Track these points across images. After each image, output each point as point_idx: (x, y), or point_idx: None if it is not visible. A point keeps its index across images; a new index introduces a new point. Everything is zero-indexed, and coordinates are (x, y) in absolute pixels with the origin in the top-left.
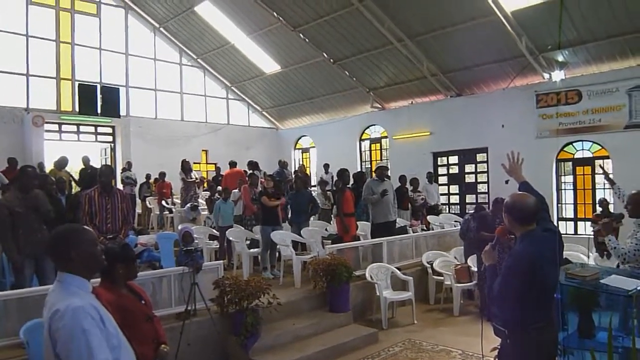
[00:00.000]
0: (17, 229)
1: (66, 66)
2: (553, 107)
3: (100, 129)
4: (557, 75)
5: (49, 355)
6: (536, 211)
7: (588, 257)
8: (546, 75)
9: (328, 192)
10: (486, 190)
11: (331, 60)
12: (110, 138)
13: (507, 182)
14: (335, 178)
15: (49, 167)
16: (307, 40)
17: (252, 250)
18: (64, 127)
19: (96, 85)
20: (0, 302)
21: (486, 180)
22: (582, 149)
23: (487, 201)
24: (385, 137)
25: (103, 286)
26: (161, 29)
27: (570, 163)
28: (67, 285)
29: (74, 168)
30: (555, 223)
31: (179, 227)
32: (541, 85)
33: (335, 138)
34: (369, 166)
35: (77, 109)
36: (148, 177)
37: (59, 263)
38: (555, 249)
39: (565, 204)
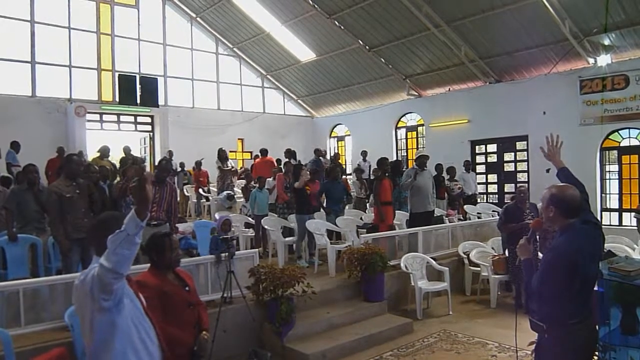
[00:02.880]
0: (66, 214)
1: (106, 57)
2: (598, 93)
3: (139, 119)
4: (603, 60)
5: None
6: (582, 204)
7: (634, 250)
8: (591, 60)
9: (364, 180)
10: (526, 180)
11: (367, 48)
12: (149, 127)
13: (548, 170)
14: (372, 166)
15: (91, 155)
16: (342, 27)
17: (287, 238)
18: (104, 117)
19: (135, 76)
20: (47, 286)
21: (526, 169)
22: (629, 137)
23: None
24: (422, 125)
25: (150, 271)
26: (198, 18)
27: (616, 151)
28: (96, 262)
29: (115, 157)
30: (597, 214)
31: (216, 216)
32: (585, 70)
33: (371, 126)
34: (405, 154)
35: (117, 99)
36: (182, 165)
37: (99, 248)
38: (596, 241)
39: (610, 194)
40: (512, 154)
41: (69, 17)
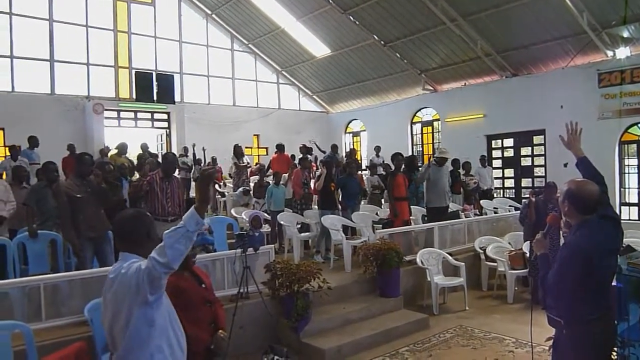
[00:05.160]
0: (78, 214)
1: (123, 55)
2: (616, 86)
3: (156, 115)
4: (622, 53)
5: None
6: (599, 201)
7: None
8: (609, 53)
9: (378, 176)
10: (543, 174)
11: (382, 43)
12: (165, 124)
13: (566, 165)
14: (385, 162)
15: (110, 153)
16: (357, 22)
17: (303, 234)
18: (122, 114)
19: (152, 73)
20: (66, 282)
21: (543, 163)
22: None
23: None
24: (437, 119)
25: None
26: (213, 15)
27: (635, 145)
28: (127, 259)
29: (132, 154)
30: (617, 208)
31: (232, 212)
32: (604, 63)
33: (386, 121)
34: (421, 149)
35: (134, 96)
36: (199, 162)
37: (121, 244)
38: (614, 237)
39: (629, 188)
40: (529, 148)
41: (86, 15)
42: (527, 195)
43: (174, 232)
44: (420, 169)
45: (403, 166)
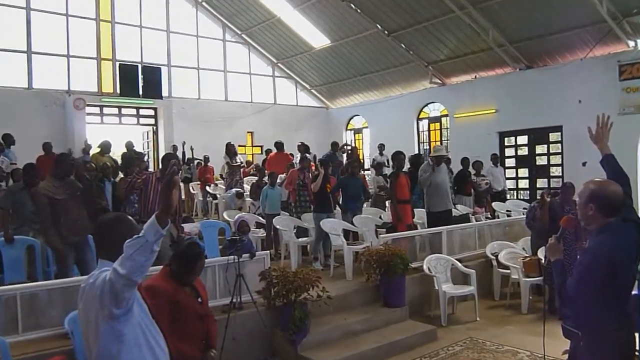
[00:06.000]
0: (59, 217)
1: (106, 46)
2: (639, 79)
3: (142, 111)
4: None
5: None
6: (623, 201)
7: None
8: (631, 43)
9: (383, 176)
10: (560, 174)
11: (385, 32)
12: (152, 120)
13: (584, 164)
14: (388, 161)
15: (92, 152)
16: (358, 10)
17: (300, 239)
18: (105, 110)
19: (137, 65)
20: (45, 291)
21: (560, 162)
22: None
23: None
24: (446, 115)
25: (163, 276)
26: (203, 3)
27: None
28: (103, 266)
29: (116, 153)
30: (639, 210)
31: (225, 215)
32: (625, 54)
33: (391, 117)
34: (427, 148)
35: (118, 90)
36: (190, 161)
37: (100, 250)
38: (637, 241)
39: None
40: (545, 146)
41: (66, 3)
42: (541, 195)
43: (134, 241)
44: (421, 168)
45: (409, 166)
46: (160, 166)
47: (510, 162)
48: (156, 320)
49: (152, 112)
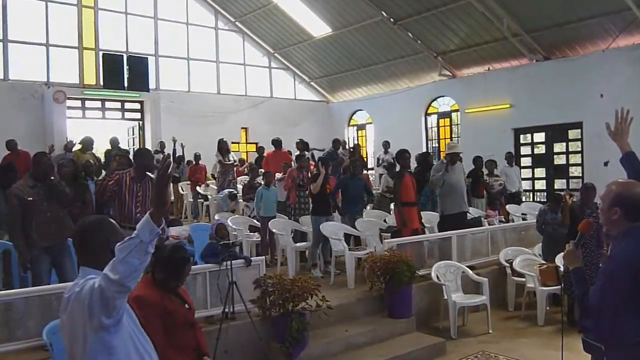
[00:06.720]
0: (29, 219)
1: (89, 34)
2: None
3: (127, 105)
4: None
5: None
6: None
7: None
8: None
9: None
10: (580, 174)
11: (391, 20)
12: (138, 115)
13: (606, 164)
14: (393, 159)
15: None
16: None
17: (298, 244)
18: (87, 104)
19: (122, 55)
20: (21, 299)
21: (580, 161)
22: None
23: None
24: (456, 110)
25: (147, 285)
26: None
27: None
28: (86, 274)
29: (100, 150)
30: None
31: (216, 218)
32: None
33: (397, 112)
34: (437, 145)
35: (101, 82)
36: (179, 160)
37: (82, 257)
38: None
39: None
40: (564, 144)
41: None
42: (562, 196)
43: (127, 243)
44: (434, 167)
45: (415, 165)
46: (134, 164)
47: (526, 162)
48: (148, 332)
49: (138, 106)
